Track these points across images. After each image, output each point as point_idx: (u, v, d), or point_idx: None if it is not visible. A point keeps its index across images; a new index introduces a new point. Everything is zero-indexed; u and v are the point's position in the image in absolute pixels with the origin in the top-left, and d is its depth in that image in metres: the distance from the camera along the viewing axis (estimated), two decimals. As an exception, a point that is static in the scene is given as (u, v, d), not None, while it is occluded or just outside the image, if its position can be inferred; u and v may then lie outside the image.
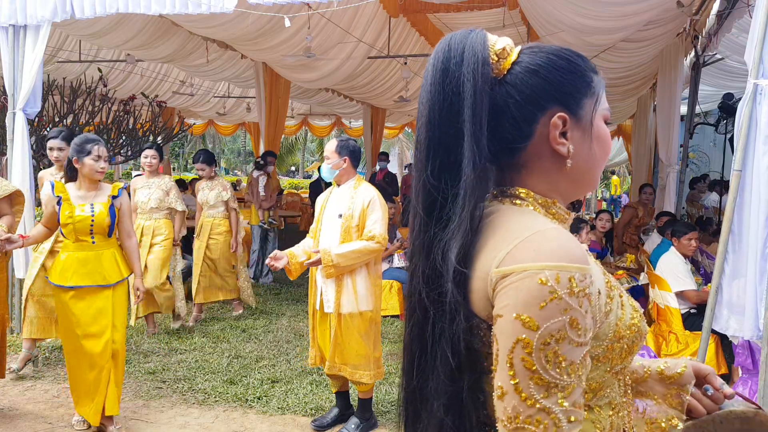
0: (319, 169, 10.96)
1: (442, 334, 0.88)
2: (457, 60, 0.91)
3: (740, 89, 3.34)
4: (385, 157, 8.49)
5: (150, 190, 5.46)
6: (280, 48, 6.83)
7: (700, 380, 1.12)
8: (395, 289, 6.33)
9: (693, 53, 6.33)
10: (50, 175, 4.92)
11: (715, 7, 5.24)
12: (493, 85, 0.93)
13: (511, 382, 0.81)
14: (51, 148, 4.49)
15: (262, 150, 8.80)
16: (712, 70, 6.87)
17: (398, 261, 6.53)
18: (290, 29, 5.61)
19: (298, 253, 3.54)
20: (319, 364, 3.68)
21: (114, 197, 3.47)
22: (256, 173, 7.99)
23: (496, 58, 0.93)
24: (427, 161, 0.92)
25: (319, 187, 7.84)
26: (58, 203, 3.39)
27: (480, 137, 0.89)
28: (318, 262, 3.40)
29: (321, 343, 3.58)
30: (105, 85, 8.90)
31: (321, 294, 3.50)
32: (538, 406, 0.80)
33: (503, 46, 0.94)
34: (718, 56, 6.23)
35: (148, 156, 5.44)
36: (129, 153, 8.89)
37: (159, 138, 9.40)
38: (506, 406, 0.82)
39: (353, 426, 3.61)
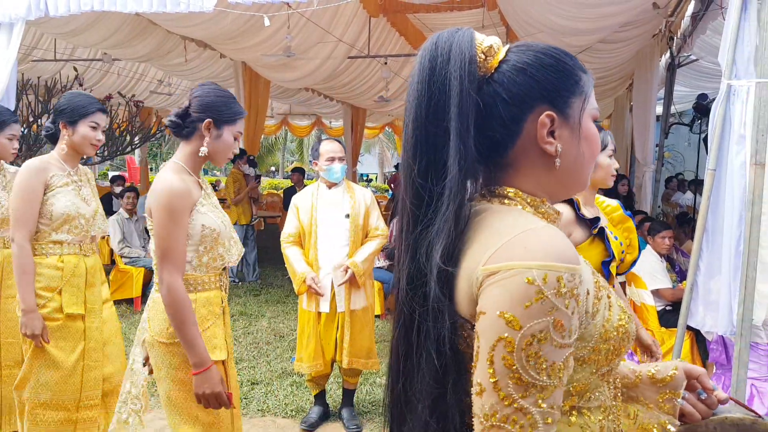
0: (295, 170, 10.76)
1: (428, 335, 0.87)
2: (444, 58, 0.90)
3: (714, 90, 3.41)
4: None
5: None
6: (260, 47, 6.79)
7: (692, 381, 1.09)
8: (376, 288, 6.34)
9: (668, 54, 6.43)
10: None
11: (690, 8, 5.33)
12: (480, 84, 0.92)
13: (490, 380, 0.80)
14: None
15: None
16: (687, 70, 6.99)
17: (378, 260, 6.54)
18: (270, 28, 5.58)
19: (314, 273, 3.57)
20: (328, 370, 3.71)
21: None
22: (252, 170, 7.93)
23: (483, 57, 0.92)
24: (414, 160, 0.91)
25: (293, 192, 7.69)
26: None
27: (466, 136, 0.88)
28: (352, 277, 3.50)
29: (327, 345, 3.61)
30: (81, 85, 8.77)
31: (334, 296, 3.57)
32: (515, 405, 0.79)
33: (490, 44, 0.93)
34: (693, 57, 6.35)
35: (13, 136, 3.08)
36: (105, 153, 8.78)
37: (136, 138, 9.29)
38: (484, 403, 0.81)
39: (353, 415, 3.77)
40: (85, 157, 3.00)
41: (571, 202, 2.27)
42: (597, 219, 2.26)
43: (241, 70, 8.32)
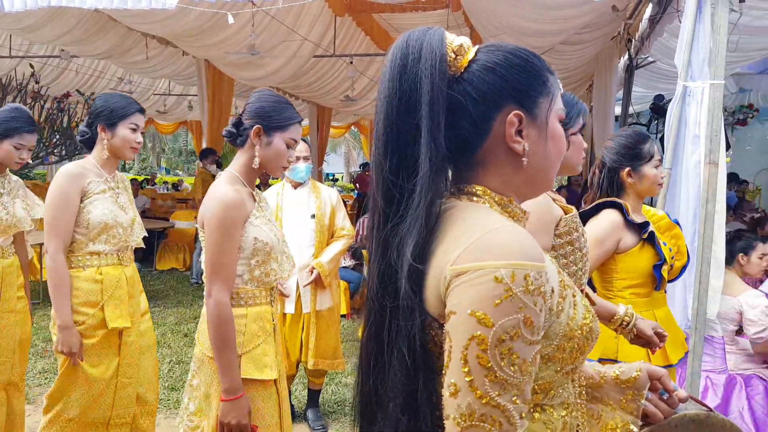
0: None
1: (399, 333, 0.88)
2: (415, 56, 0.91)
3: (670, 91, 3.50)
4: None
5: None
6: (224, 45, 6.71)
7: (654, 382, 1.11)
8: (342, 288, 6.33)
9: (627, 56, 6.58)
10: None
11: (648, 11, 5.46)
12: (451, 82, 0.93)
13: (466, 379, 0.80)
14: None
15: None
16: (645, 72, 7.15)
17: (343, 260, 6.53)
18: (234, 26, 5.51)
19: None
20: (293, 371, 3.70)
21: None
22: (219, 171, 7.80)
23: (454, 56, 0.93)
24: (385, 157, 0.92)
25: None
26: None
27: (437, 134, 0.89)
28: (318, 278, 3.46)
29: (292, 346, 3.59)
30: (37, 82, 8.52)
31: (299, 297, 3.54)
32: (493, 403, 0.80)
33: (461, 43, 0.94)
34: (650, 59, 6.50)
35: (22, 146, 2.82)
36: (63, 153, 8.55)
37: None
38: (460, 403, 0.81)
39: (318, 416, 3.77)
40: (10, 163, 2.82)
41: (620, 208, 2.24)
42: (647, 223, 2.23)
43: (204, 68, 8.20)
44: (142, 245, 2.72)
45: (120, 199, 2.58)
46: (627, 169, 2.29)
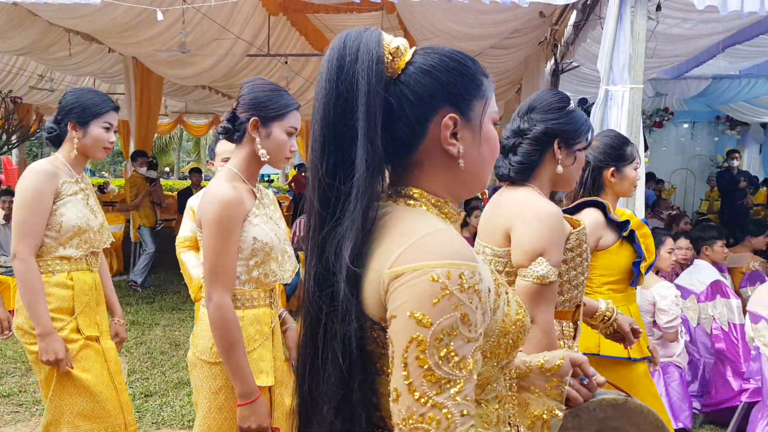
0: (193, 171, 10.41)
1: (334, 336, 0.88)
2: (352, 57, 0.91)
3: (593, 94, 3.66)
4: None
5: None
6: (153, 42, 6.50)
7: (575, 368, 1.16)
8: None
9: (553, 61, 6.82)
10: None
11: (572, 18, 5.69)
12: (387, 84, 0.94)
13: (405, 382, 0.81)
14: None
15: (132, 150, 8.30)
16: (570, 76, 7.42)
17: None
18: (163, 23, 5.35)
19: None
20: None
21: None
22: (154, 173, 7.56)
23: (391, 57, 0.94)
24: (321, 159, 0.91)
25: (189, 194, 7.41)
26: None
27: (373, 135, 0.89)
28: None
29: None
30: (-53, 78, 8.03)
31: None
32: (430, 403, 0.80)
33: (397, 45, 0.95)
34: (575, 64, 6.76)
35: None
36: (-22, 153, 8.08)
37: (14, 137, 8.62)
38: (400, 408, 0.82)
39: None
40: None
41: (602, 207, 2.30)
42: (627, 222, 2.29)
43: (132, 65, 7.93)
44: (108, 245, 2.57)
45: (90, 201, 2.43)
46: (611, 169, 2.36)
